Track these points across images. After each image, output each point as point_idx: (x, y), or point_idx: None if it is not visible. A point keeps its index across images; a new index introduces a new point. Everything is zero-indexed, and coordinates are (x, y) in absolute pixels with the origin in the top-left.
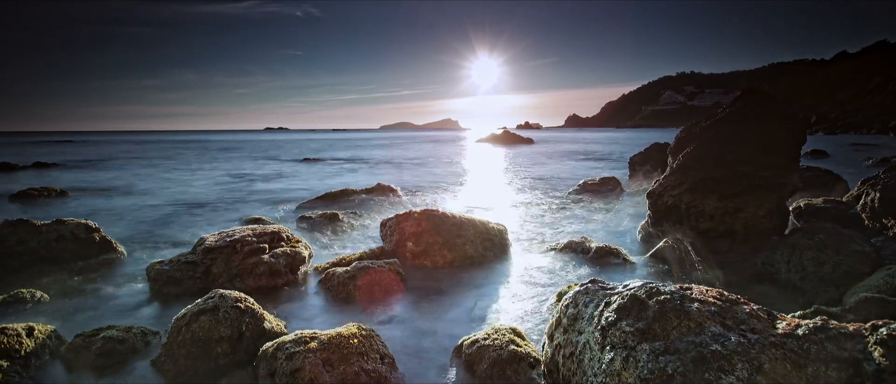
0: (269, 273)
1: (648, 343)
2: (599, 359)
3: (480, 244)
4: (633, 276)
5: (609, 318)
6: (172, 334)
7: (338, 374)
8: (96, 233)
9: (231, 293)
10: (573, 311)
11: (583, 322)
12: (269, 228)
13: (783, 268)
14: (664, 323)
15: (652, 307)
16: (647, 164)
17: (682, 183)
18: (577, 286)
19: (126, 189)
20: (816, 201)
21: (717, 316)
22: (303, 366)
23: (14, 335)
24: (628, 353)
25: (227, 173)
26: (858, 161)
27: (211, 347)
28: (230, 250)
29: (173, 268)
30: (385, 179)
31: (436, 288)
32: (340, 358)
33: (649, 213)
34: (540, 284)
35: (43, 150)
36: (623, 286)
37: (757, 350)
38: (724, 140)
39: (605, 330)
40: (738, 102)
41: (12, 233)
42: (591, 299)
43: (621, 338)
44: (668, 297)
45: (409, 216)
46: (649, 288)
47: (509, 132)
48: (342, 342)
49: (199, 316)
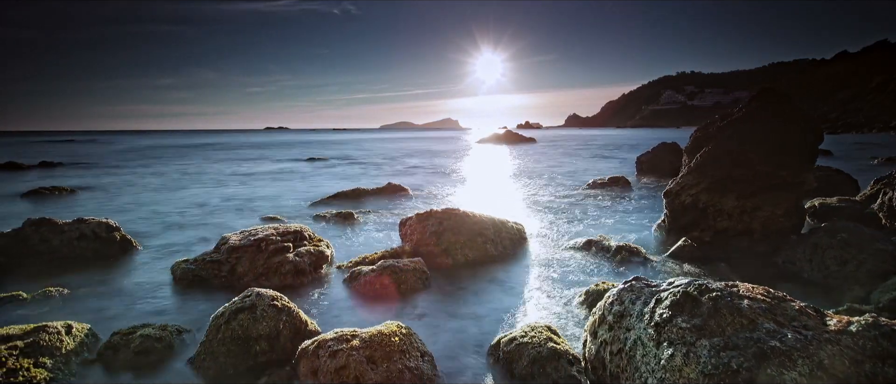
0: (294, 272)
1: (707, 339)
2: (655, 355)
3: (500, 242)
4: (655, 275)
5: (663, 315)
6: (211, 332)
7: (382, 372)
8: (116, 231)
9: (267, 291)
10: (619, 309)
11: (631, 319)
12: (291, 227)
13: (806, 267)
14: (719, 319)
15: (705, 304)
16: (654, 163)
17: (700, 182)
18: (620, 284)
19: (131, 189)
20: (831, 200)
21: (768, 312)
22: (347, 364)
23: (54, 332)
24: (688, 349)
25: (233, 173)
26: (864, 160)
27: (250, 345)
28: (255, 249)
29: (199, 266)
30: (394, 179)
31: (460, 286)
32: (383, 356)
33: (666, 212)
34: (564, 282)
35: (45, 150)
36: (668, 283)
37: (815, 346)
38: (742, 139)
39: (659, 326)
40: (755, 102)
41: (35, 231)
42: (638, 296)
43: (679, 334)
44: (720, 294)
45: (430, 215)
46: (699, 285)
47: (512, 131)
48: (384, 340)
49: (237, 314)
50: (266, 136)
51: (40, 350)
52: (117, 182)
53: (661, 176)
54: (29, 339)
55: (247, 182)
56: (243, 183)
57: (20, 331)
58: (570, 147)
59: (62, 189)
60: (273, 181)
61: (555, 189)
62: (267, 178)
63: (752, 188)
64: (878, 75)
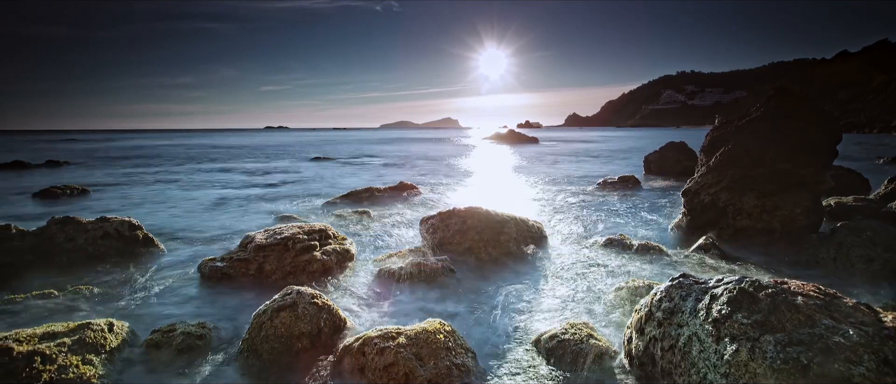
0: (322, 270)
1: (771, 334)
2: (715, 350)
3: (522, 241)
4: (678, 272)
5: (722, 311)
6: (253, 330)
7: (431, 369)
8: (139, 230)
9: (306, 289)
10: (668, 305)
11: (683, 315)
12: (316, 226)
13: (830, 265)
14: (779, 315)
15: (763, 300)
16: (662, 162)
17: (720, 181)
18: (666, 281)
19: (140, 188)
20: (846, 199)
21: (823, 309)
22: (396, 361)
23: (99, 330)
24: (753, 344)
25: (242, 172)
26: (869, 160)
27: (292, 343)
28: (281, 248)
29: (227, 265)
30: (403, 177)
31: (487, 283)
32: (430, 353)
33: (684, 211)
34: (589, 280)
35: (44, 149)
36: (716, 280)
37: (878, 342)
38: (762, 138)
39: (718, 322)
40: (772, 101)
41: (60, 230)
42: (688, 293)
43: (741, 329)
44: (775, 291)
45: (453, 214)
46: (752, 282)
47: (514, 131)
48: (429, 337)
49: (279, 312)
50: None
51: (86, 347)
52: (124, 181)
53: (669, 175)
54: (75, 337)
55: (253, 182)
56: (249, 183)
57: (65, 328)
58: (572, 147)
59: (74, 188)
60: (281, 181)
61: (565, 188)
62: (274, 177)
63: (772, 187)
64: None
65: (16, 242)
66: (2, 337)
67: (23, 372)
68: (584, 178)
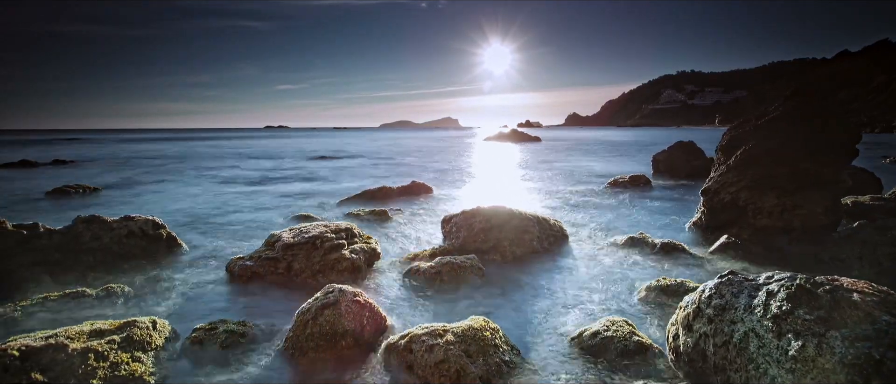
0: (351, 269)
1: (836, 330)
2: (778, 346)
3: (545, 239)
4: (701, 271)
5: (782, 307)
6: (298, 328)
7: (481, 366)
8: (162, 229)
9: (348, 288)
10: (719, 302)
11: (736, 312)
12: (341, 225)
13: (856, 263)
14: (840, 312)
15: (823, 297)
16: (670, 162)
17: (740, 180)
18: (715, 278)
19: (150, 187)
20: (863, 199)
21: (881, 305)
22: (447, 358)
23: (144, 328)
24: (819, 340)
25: (254, 169)
26: (875, 159)
27: (336, 340)
28: (310, 246)
29: (256, 263)
30: (412, 177)
31: (515, 281)
32: (478, 350)
33: (703, 209)
34: (614, 277)
35: (46, 149)
36: (766, 277)
37: None
38: (783, 138)
39: (778, 318)
40: (790, 101)
41: (86, 228)
42: (740, 290)
43: (805, 325)
44: (833, 287)
45: (477, 213)
46: (807, 278)
47: (517, 130)
48: (476, 334)
49: (323, 310)
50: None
51: (133, 344)
52: (131, 181)
53: (678, 175)
54: (123, 334)
55: (263, 181)
56: (260, 182)
57: (111, 326)
58: (575, 146)
59: (86, 187)
60: (292, 180)
61: (576, 186)
62: (284, 177)
63: (793, 186)
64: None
65: (44, 240)
66: (52, 334)
67: (79, 369)
68: (592, 177)
